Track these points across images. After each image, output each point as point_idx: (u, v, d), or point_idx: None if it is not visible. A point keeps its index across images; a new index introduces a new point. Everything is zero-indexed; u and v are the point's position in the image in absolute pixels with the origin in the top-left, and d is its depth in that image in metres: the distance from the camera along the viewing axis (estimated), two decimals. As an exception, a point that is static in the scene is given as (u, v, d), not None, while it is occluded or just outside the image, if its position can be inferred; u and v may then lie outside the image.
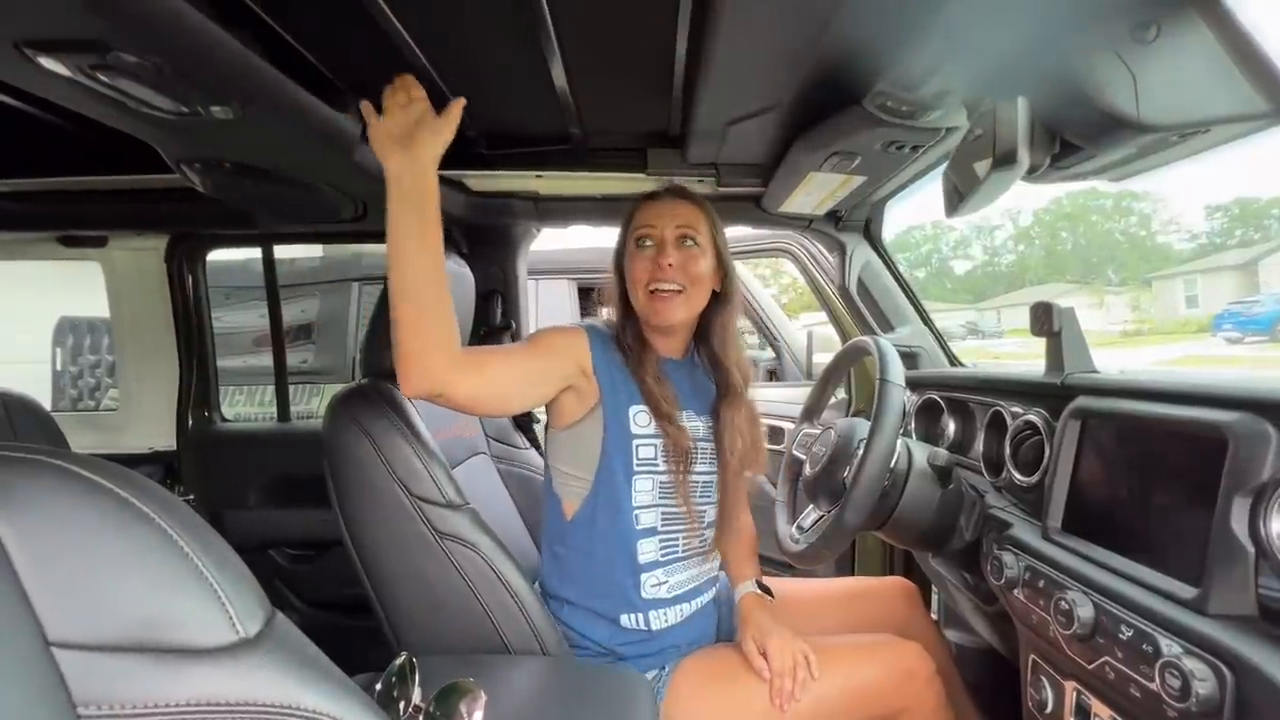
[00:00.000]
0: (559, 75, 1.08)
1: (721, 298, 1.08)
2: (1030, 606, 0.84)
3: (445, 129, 0.83)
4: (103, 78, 0.72)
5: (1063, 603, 0.75)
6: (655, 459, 1.01)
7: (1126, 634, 0.67)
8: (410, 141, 0.81)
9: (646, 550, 1.01)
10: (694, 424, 1.06)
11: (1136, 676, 0.65)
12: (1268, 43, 0.61)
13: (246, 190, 1.22)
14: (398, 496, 0.95)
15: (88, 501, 0.41)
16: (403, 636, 0.98)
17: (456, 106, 0.84)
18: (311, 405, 2.94)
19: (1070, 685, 0.79)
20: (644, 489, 1.01)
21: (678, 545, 1.04)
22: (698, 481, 1.05)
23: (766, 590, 1.09)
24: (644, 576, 1.01)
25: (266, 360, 3.18)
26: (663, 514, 1.02)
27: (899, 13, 0.72)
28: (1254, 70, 0.61)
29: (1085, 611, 0.72)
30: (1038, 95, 0.67)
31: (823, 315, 1.97)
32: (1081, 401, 0.87)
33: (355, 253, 3.55)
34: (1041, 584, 0.82)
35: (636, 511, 1.00)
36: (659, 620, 1.02)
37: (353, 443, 0.97)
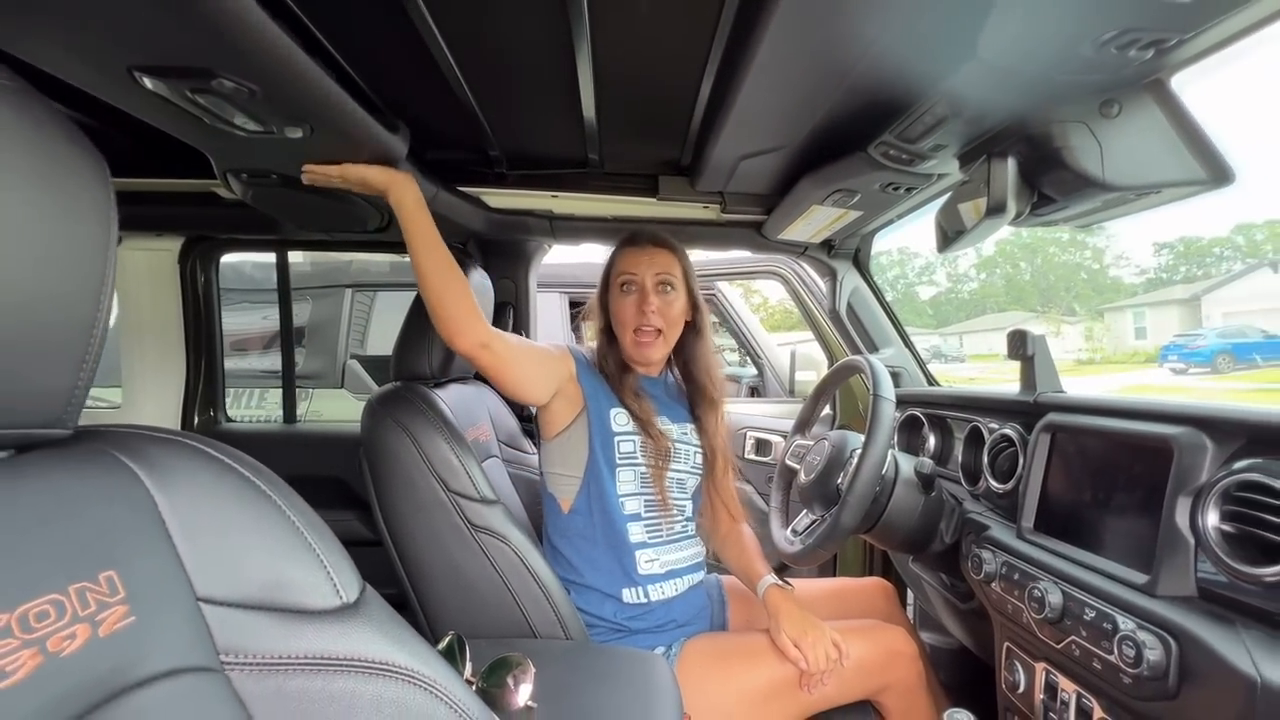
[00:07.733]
0: (589, 107, 1.18)
1: (693, 329, 1.28)
2: (1006, 597, 0.95)
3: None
4: (200, 100, 0.79)
5: (1035, 591, 0.87)
6: (635, 453, 1.18)
7: (1089, 615, 0.78)
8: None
9: (635, 532, 1.16)
10: (668, 428, 1.23)
11: (1098, 650, 0.76)
12: (1206, 123, 0.75)
13: (283, 200, 1.28)
14: (435, 491, 1.03)
15: (223, 479, 0.47)
16: (435, 623, 1.05)
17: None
18: (300, 409, 2.92)
19: (1040, 666, 0.90)
20: (626, 479, 1.16)
21: (661, 530, 1.19)
22: (675, 478, 1.22)
23: (785, 582, 1.20)
24: (638, 554, 1.15)
25: (253, 363, 3.16)
26: (645, 502, 1.18)
27: (908, 78, 0.84)
28: (1196, 145, 0.75)
29: (1054, 598, 0.84)
30: (1021, 156, 0.80)
31: (793, 335, 2.09)
32: (1051, 418, 0.99)
33: (346, 259, 3.55)
34: (1016, 576, 0.93)
35: (622, 499, 1.15)
36: (657, 593, 1.15)
37: (393, 440, 1.04)
